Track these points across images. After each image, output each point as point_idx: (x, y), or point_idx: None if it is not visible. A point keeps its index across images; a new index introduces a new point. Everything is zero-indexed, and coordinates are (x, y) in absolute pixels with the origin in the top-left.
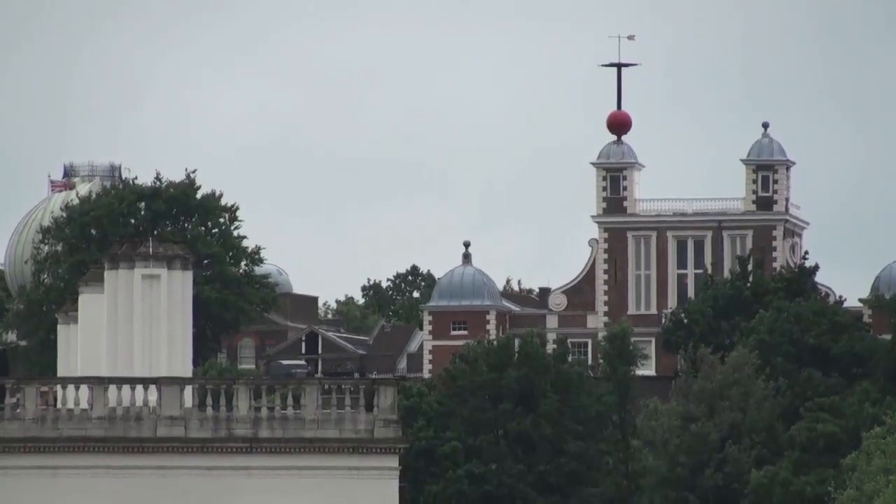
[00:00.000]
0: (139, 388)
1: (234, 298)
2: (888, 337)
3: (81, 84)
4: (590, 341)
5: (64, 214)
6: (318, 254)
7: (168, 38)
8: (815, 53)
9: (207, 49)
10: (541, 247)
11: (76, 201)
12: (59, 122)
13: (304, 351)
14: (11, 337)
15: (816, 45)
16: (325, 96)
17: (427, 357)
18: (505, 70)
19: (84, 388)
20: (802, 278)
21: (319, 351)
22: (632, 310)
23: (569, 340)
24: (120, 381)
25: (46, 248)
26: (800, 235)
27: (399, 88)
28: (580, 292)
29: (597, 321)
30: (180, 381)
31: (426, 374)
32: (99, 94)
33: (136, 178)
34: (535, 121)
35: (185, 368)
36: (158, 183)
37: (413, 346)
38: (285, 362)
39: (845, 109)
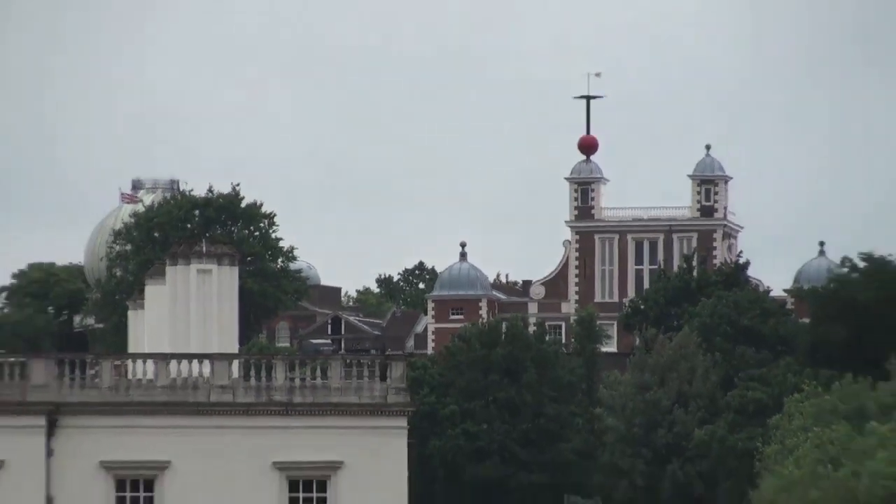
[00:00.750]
0: (195, 362)
1: (272, 289)
2: (807, 320)
3: (147, 109)
4: (563, 324)
5: (132, 220)
6: (341, 252)
7: (216, 71)
8: (748, 87)
9: (249, 80)
10: (524, 247)
11: (142, 210)
12: (128, 143)
13: (329, 332)
14: (90, 321)
15: (748, 80)
16: (348, 119)
17: (430, 337)
18: (498, 103)
19: (150, 363)
20: (737, 273)
21: (342, 332)
22: (598, 298)
23: (546, 323)
24: (179, 357)
25: (118, 247)
26: (735, 237)
27: (412, 122)
28: (556, 284)
29: (569, 307)
30: (228, 357)
31: (430, 351)
32: (161, 118)
33: (191, 190)
34: (521, 144)
35: (232, 346)
36: (210, 194)
37: (419, 328)
38: (314, 341)
39: (775, 133)
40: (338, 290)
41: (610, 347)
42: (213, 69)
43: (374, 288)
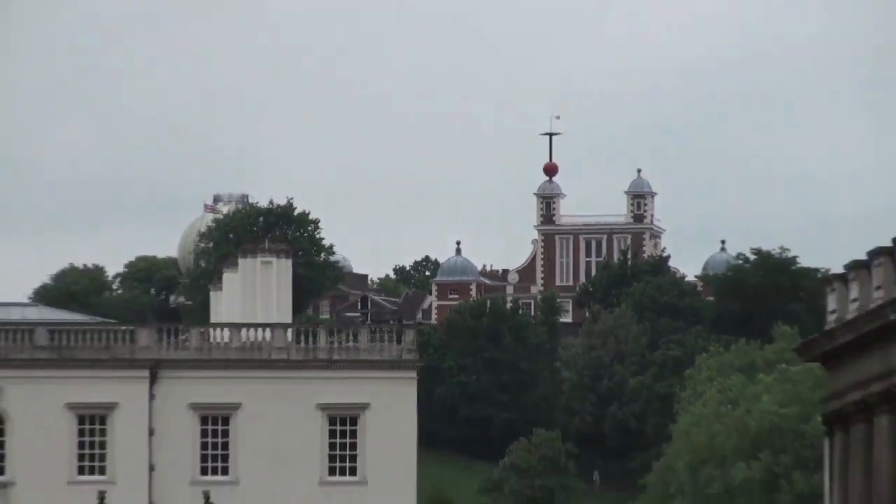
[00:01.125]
0: (259, 329)
1: (317, 276)
2: (711, 299)
3: (225, 133)
4: (532, 301)
5: (213, 224)
6: (368, 247)
7: (272, 100)
8: (669, 128)
9: (302, 100)
10: (504, 244)
11: (220, 217)
12: (209, 163)
13: (359, 308)
14: (182, 300)
15: (669, 123)
16: (372, 148)
17: (434, 312)
18: (485, 137)
19: (226, 330)
20: (661, 264)
21: (369, 308)
22: (558, 282)
23: (519, 301)
24: (248, 326)
25: (202, 245)
26: (659, 237)
27: (420, 150)
28: (527, 272)
29: (536, 289)
30: (284, 326)
31: (433, 322)
32: (234, 139)
33: (257, 202)
34: (502, 168)
35: (287, 318)
36: (270, 205)
37: (425, 305)
38: (348, 314)
39: (688, 162)
40: (365, 276)
41: (566, 319)
42: (269, 99)
43: (392, 275)
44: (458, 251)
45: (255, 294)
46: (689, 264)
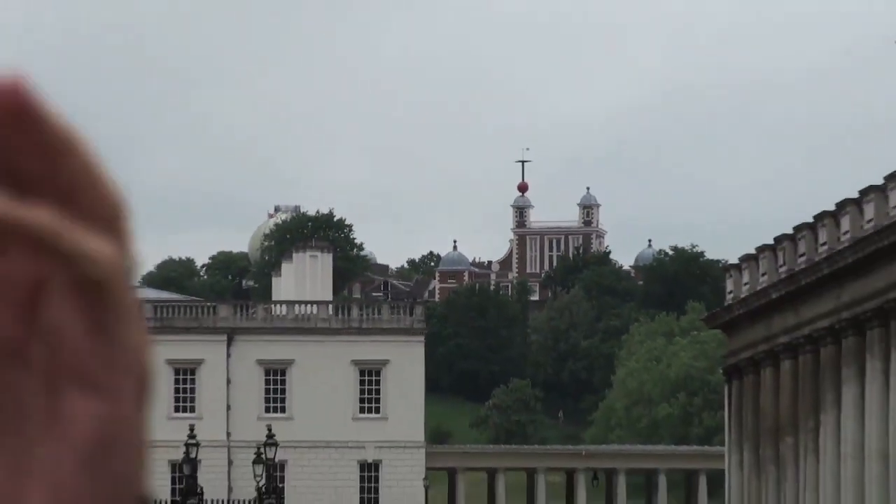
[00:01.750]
0: (308, 305)
1: (350, 266)
2: (641, 283)
3: (285, 158)
4: (510, 284)
5: (275, 228)
6: (388, 245)
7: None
8: (611, 152)
9: (334, 129)
10: (489, 242)
11: (280, 222)
12: (272, 180)
13: (382, 289)
14: (252, 283)
15: (612, 151)
16: (389, 165)
17: (437, 293)
18: (474, 163)
19: (284, 306)
20: (604, 257)
21: (389, 289)
22: (528, 271)
23: (500, 284)
24: (300, 302)
25: (266, 243)
26: (603, 237)
27: (424, 162)
28: (505, 263)
29: (512, 276)
30: (326, 302)
31: (437, 300)
32: (291, 163)
33: (306, 211)
34: (487, 186)
35: (328, 297)
36: (317, 213)
37: (431, 287)
38: (374, 294)
39: (626, 180)
40: (386, 266)
41: (535, 297)
42: (317, 131)
43: (406, 265)
44: (455, 247)
45: (305, 279)
46: (625, 258)
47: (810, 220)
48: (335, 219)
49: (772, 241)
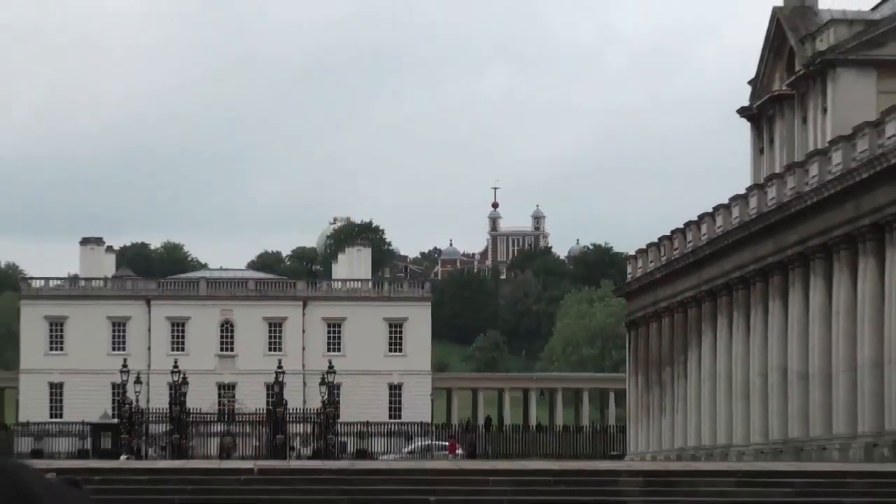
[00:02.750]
0: (357, 282)
1: (382, 256)
2: (572, 267)
3: (341, 182)
4: (486, 269)
5: (332, 231)
6: (409, 242)
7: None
8: (553, 180)
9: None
10: (474, 240)
11: (335, 229)
12: (333, 196)
13: (403, 272)
14: (318, 268)
15: (553, 177)
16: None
17: (440, 274)
18: (463, 189)
19: (339, 283)
20: (548, 251)
21: (408, 272)
22: (499, 259)
23: (480, 268)
24: (350, 280)
25: (328, 241)
26: (547, 238)
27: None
28: (484, 255)
29: (488, 263)
30: (367, 280)
31: (439, 278)
32: (344, 186)
33: (354, 220)
34: (471, 205)
35: (367, 276)
36: (360, 221)
37: (436, 270)
38: (399, 275)
39: (559, 199)
40: (406, 256)
41: (503, 277)
42: (365, 160)
43: (420, 256)
44: (451, 244)
45: (352, 265)
46: (561, 251)
47: (681, 225)
48: (373, 225)
49: (656, 240)
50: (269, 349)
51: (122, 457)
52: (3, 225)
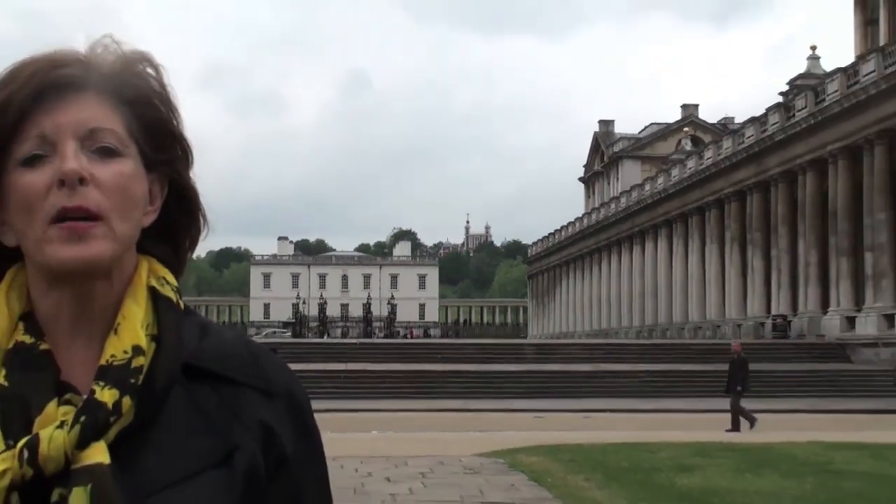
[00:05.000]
0: (402, 258)
1: (415, 245)
2: (503, 251)
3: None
4: (471, 255)
5: (392, 234)
6: (427, 237)
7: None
8: (513, 203)
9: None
10: (462, 240)
11: (392, 233)
12: (390, 212)
13: (425, 252)
14: (386, 251)
15: (519, 199)
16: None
17: (442, 254)
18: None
19: (397, 258)
20: (492, 244)
21: (427, 251)
22: (465, 248)
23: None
24: (399, 257)
25: (390, 239)
26: (492, 237)
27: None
28: (462, 247)
29: (468, 248)
30: (408, 256)
31: (442, 256)
32: (390, 202)
33: (401, 227)
34: (460, 219)
35: (409, 254)
36: (400, 228)
37: (441, 251)
38: (422, 254)
39: (512, 216)
40: (426, 245)
41: (473, 255)
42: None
43: (432, 246)
44: (447, 241)
45: (402, 249)
46: (499, 243)
47: (572, 220)
48: (410, 231)
49: (547, 234)
50: (363, 289)
51: None
52: None
